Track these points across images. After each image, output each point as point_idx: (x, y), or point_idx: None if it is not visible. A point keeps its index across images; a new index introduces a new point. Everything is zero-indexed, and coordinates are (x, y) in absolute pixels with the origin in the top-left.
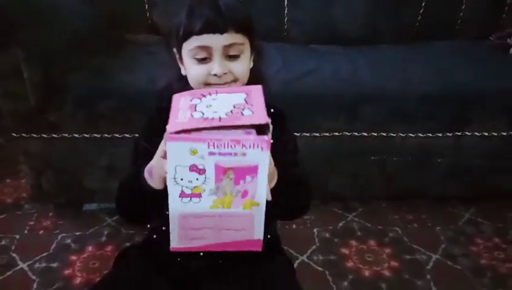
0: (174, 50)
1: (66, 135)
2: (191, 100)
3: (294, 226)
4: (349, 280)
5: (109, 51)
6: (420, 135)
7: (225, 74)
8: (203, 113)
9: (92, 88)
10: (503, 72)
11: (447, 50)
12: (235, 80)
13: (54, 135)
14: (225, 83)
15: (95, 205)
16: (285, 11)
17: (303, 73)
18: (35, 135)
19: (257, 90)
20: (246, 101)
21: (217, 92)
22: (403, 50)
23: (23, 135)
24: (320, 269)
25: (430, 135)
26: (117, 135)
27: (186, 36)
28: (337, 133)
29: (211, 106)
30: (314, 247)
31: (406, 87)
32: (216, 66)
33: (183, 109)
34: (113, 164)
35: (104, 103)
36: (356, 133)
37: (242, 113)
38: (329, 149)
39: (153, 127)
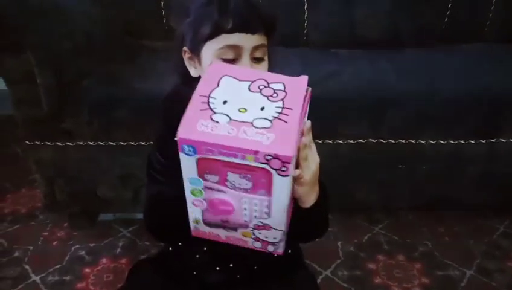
0: (185, 49)
1: (81, 142)
2: (225, 89)
3: (316, 239)
4: None
5: (125, 57)
6: (451, 141)
7: None
8: (228, 117)
9: (107, 95)
10: None
11: (475, 53)
12: None
13: (68, 143)
14: None
15: (110, 216)
16: (305, 15)
17: (323, 76)
18: (49, 143)
19: (301, 89)
20: (282, 108)
21: (256, 80)
22: (427, 52)
23: (37, 142)
24: (345, 285)
25: (462, 141)
26: (132, 143)
27: (215, 33)
28: (361, 140)
29: (241, 110)
30: (338, 261)
31: (433, 91)
32: (246, 66)
33: (205, 107)
34: (127, 173)
35: (120, 110)
36: (382, 140)
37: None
38: (353, 157)
39: (164, 140)
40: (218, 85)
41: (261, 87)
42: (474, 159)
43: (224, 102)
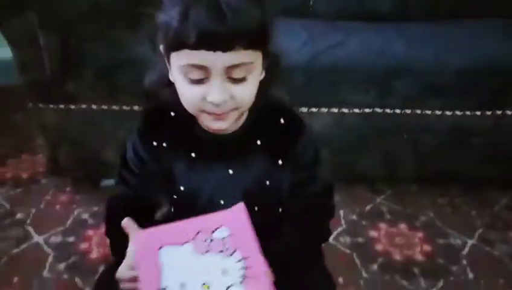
0: (161, 48)
1: (84, 106)
2: (172, 268)
3: None
4: (378, 263)
5: (129, 22)
6: (457, 112)
7: (225, 102)
8: None
9: (111, 58)
10: None
11: (484, 26)
12: (236, 108)
13: (72, 106)
14: (223, 113)
15: (112, 181)
16: None
17: (330, 46)
18: (52, 106)
19: (244, 223)
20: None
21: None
22: (436, 25)
23: (40, 105)
24: (347, 251)
25: (468, 112)
26: (136, 108)
27: (177, 47)
28: (367, 110)
29: (204, 286)
30: (340, 229)
31: (441, 61)
32: (215, 92)
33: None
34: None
35: (124, 74)
36: (388, 110)
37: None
38: (358, 126)
39: (141, 144)
40: (160, 266)
41: (207, 245)
42: (479, 131)
43: (182, 285)
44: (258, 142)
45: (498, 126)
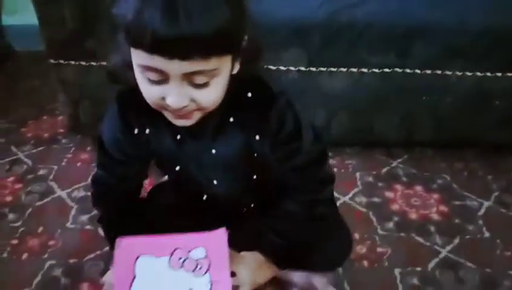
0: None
1: (104, 63)
2: (144, 278)
3: (335, 169)
4: (394, 221)
5: None
6: (478, 73)
7: (185, 106)
8: None
9: None
10: None
11: None
12: (199, 109)
13: (93, 63)
14: (185, 114)
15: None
16: None
17: (349, 4)
18: (73, 62)
19: (223, 249)
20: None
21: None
22: None
23: (61, 61)
24: (364, 210)
25: (488, 74)
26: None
27: (132, 45)
28: (387, 70)
29: None
30: (356, 190)
31: (463, 21)
32: (172, 96)
33: None
34: None
35: None
36: (408, 70)
37: None
38: (377, 87)
39: (120, 132)
40: (134, 274)
41: (181, 261)
42: (499, 94)
43: None
44: (231, 119)
45: None
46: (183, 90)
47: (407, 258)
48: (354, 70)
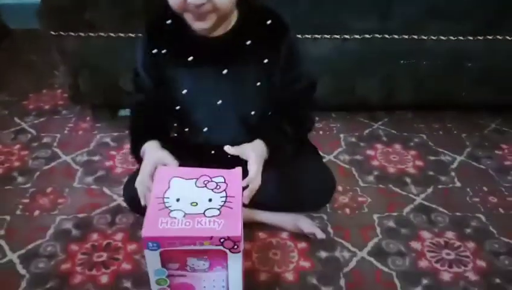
0: None
1: (103, 34)
2: (176, 189)
3: (321, 132)
4: (374, 175)
5: None
6: (452, 37)
7: (203, 4)
8: (183, 212)
9: None
10: None
11: None
12: (214, 10)
13: (91, 34)
14: (203, 14)
15: (128, 112)
16: None
17: None
18: (72, 34)
19: (238, 178)
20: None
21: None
22: None
23: (61, 33)
24: (346, 166)
25: (461, 38)
26: None
27: None
28: (367, 36)
29: (192, 204)
30: (340, 149)
31: None
32: None
33: (163, 208)
34: None
35: (139, 0)
36: (387, 36)
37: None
38: (359, 52)
39: (142, 49)
40: (169, 186)
41: (205, 182)
42: (472, 56)
43: (177, 199)
44: (248, 42)
45: (490, 51)
46: None
47: (385, 205)
48: (337, 36)
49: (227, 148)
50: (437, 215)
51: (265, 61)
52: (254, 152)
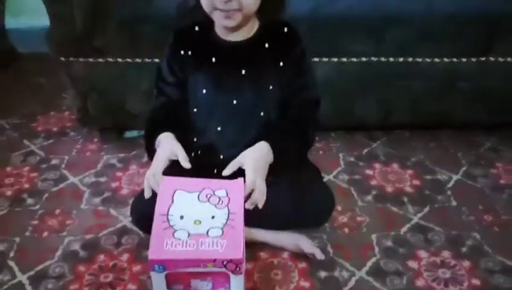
0: None
1: (110, 59)
2: (179, 204)
3: (321, 152)
4: (372, 194)
5: None
6: (445, 59)
7: (231, 0)
8: (187, 232)
9: (134, 12)
10: None
11: None
12: (240, 9)
13: (100, 60)
14: (230, 10)
15: (135, 132)
16: None
17: None
18: (81, 59)
19: (240, 191)
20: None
21: (202, 190)
22: None
23: (71, 59)
24: (345, 186)
25: (455, 59)
26: (157, 60)
27: None
28: (364, 58)
29: (196, 222)
30: (340, 168)
31: (432, 9)
32: None
33: (167, 227)
34: (153, 88)
35: (146, 27)
36: (383, 58)
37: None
38: (356, 74)
39: (170, 51)
40: (173, 201)
41: (208, 196)
42: (465, 77)
43: (181, 217)
44: (266, 45)
45: (482, 72)
46: None
47: (383, 224)
48: (335, 59)
49: (225, 173)
50: (433, 234)
51: (281, 64)
52: (251, 159)
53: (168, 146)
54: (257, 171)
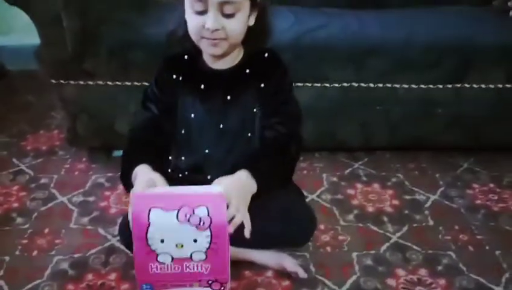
0: None
1: (101, 82)
2: (157, 226)
3: (305, 172)
4: (354, 213)
5: (137, 6)
6: (422, 86)
7: (217, 30)
8: (171, 256)
9: (123, 39)
10: (502, 29)
11: (452, 12)
12: (226, 38)
13: (90, 82)
14: (216, 39)
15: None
16: None
17: (314, 27)
18: (72, 82)
19: (222, 209)
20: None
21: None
22: (409, 11)
23: (61, 81)
24: (328, 205)
25: (431, 86)
26: (146, 83)
27: None
28: (345, 84)
29: (178, 246)
30: (323, 188)
31: (410, 39)
32: (210, 20)
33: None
34: None
35: (135, 52)
36: (363, 84)
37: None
38: (338, 99)
39: (160, 75)
40: (149, 222)
41: (187, 216)
42: (442, 103)
43: (162, 241)
44: (247, 70)
45: (458, 98)
46: (217, 18)
47: (363, 243)
48: (318, 85)
49: None
50: (411, 253)
51: (262, 85)
52: (232, 189)
53: (144, 179)
54: (239, 200)
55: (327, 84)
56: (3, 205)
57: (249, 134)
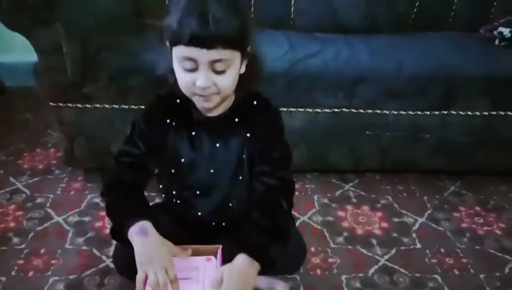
0: (167, 44)
1: (98, 105)
2: None
3: (296, 193)
4: (344, 236)
5: (134, 33)
6: (410, 112)
7: (209, 87)
8: None
9: (122, 65)
10: (488, 58)
11: (439, 39)
12: (218, 93)
13: (88, 105)
14: (208, 96)
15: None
16: (292, 2)
17: (307, 55)
18: (70, 105)
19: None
20: None
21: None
22: (399, 38)
23: (60, 104)
24: (319, 227)
25: (419, 112)
26: (142, 107)
27: (175, 43)
28: (336, 110)
29: None
30: (314, 210)
31: (399, 69)
32: (201, 78)
33: None
34: None
35: (133, 78)
36: (354, 110)
37: None
38: (329, 124)
39: (152, 114)
40: None
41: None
42: (430, 129)
43: None
44: (236, 119)
45: (445, 124)
46: (208, 75)
47: (352, 266)
48: (310, 110)
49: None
50: (399, 276)
51: (248, 135)
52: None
53: (164, 248)
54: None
55: (319, 110)
56: (0, 225)
57: (240, 177)
